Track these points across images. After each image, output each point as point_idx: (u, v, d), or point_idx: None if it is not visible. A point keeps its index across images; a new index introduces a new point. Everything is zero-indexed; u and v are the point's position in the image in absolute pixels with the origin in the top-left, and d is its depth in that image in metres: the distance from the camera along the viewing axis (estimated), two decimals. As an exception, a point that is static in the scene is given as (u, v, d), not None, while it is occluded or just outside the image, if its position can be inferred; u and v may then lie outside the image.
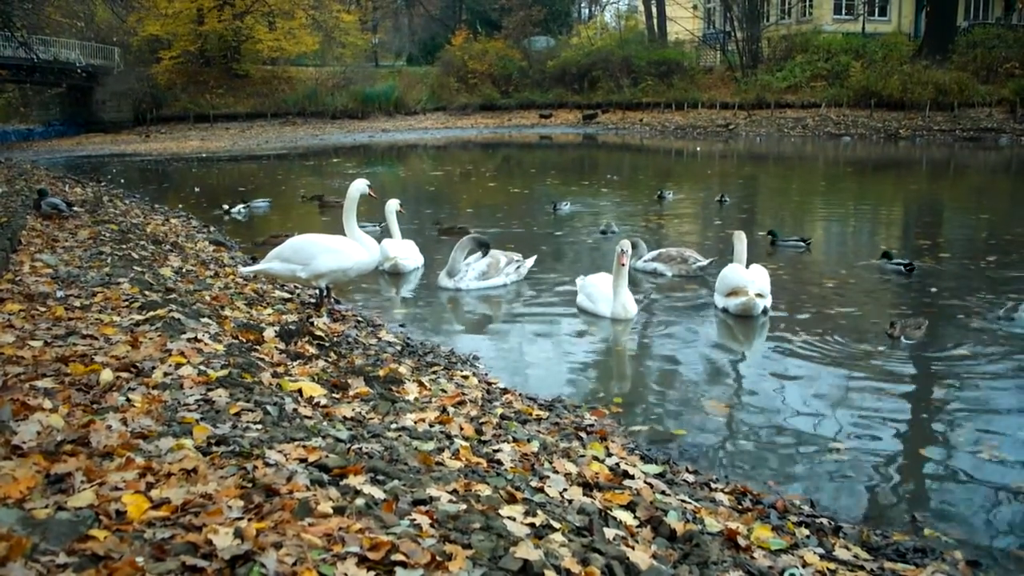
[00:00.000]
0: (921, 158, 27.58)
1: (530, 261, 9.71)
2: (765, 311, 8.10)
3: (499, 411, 5.02)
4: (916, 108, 35.84)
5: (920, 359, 6.71)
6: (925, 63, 36.59)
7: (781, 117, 38.69)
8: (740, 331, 7.78)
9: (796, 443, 5.17)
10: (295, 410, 3.96)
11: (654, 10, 50.06)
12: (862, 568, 3.48)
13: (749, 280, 8.06)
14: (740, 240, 8.47)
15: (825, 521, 4.05)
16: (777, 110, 39.45)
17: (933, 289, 8.97)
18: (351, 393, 4.70)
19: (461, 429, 4.33)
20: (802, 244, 11.39)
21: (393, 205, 10.27)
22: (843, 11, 45.04)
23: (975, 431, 5.29)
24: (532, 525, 2.89)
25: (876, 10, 45.39)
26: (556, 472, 3.82)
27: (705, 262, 9.77)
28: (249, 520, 2.48)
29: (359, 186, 7.44)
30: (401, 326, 7.84)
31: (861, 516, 4.27)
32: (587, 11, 69.05)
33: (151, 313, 5.25)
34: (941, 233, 13.48)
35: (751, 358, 6.89)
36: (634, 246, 9.98)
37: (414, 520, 2.67)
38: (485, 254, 9.25)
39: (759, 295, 7.99)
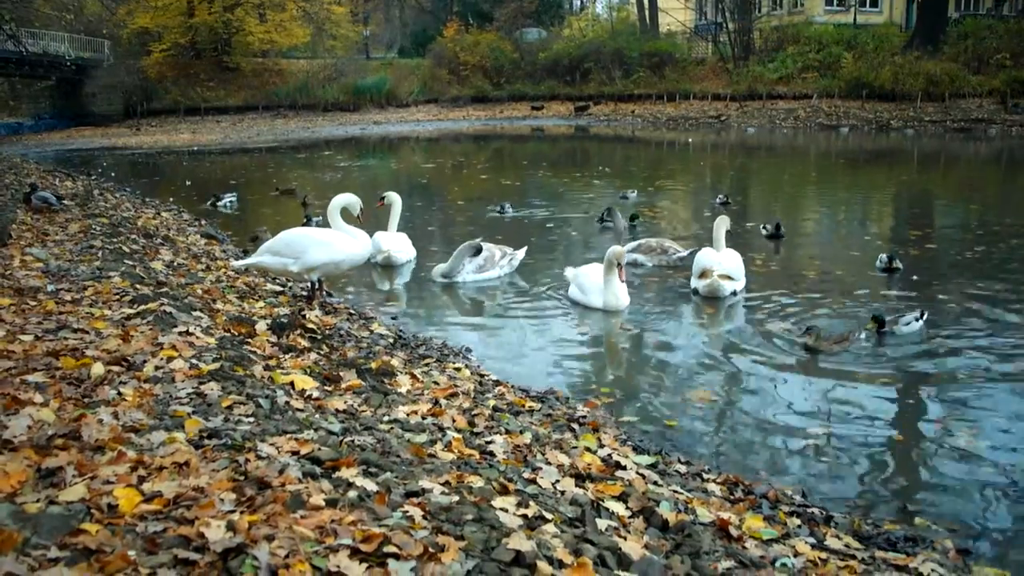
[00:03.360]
0: (912, 149, 27.63)
1: (521, 253, 9.72)
2: (735, 293, 8.39)
3: (492, 403, 5.02)
4: (907, 99, 35.85)
5: (909, 349, 6.73)
6: (916, 54, 36.59)
7: (773, 108, 38.67)
8: (731, 321, 7.81)
9: (787, 433, 5.19)
10: (287, 403, 3.96)
11: (645, 1, 49.95)
12: (853, 557, 3.49)
13: (716, 262, 8.36)
14: (721, 225, 8.72)
15: (816, 511, 4.07)
16: (769, 101, 39.42)
17: (915, 278, 9.00)
18: (343, 386, 4.70)
19: (453, 421, 4.33)
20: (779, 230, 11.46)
21: (396, 197, 10.29)
22: (834, 2, 45.03)
23: (965, 421, 5.32)
24: (525, 516, 2.89)
25: (867, 1, 45.40)
26: (548, 463, 3.82)
27: (685, 252, 9.90)
28: (241, 513, 2.48)
29: (351, 200, 7.45)
30: (393, 318, 7.84)
31: (852, 506, 4.29)
32: (579, 2, 68.93)
33: (142, 307, 5.24)
34: (931, 224, 13.51)
35: (742, 348, 6.90)
36: (612, 211, 10.07)
37: (407, 512, 2.67)
38: (478, 255, 9.26)
39: (727, 277, 8.30)
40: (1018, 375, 6.12)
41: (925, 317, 7.17)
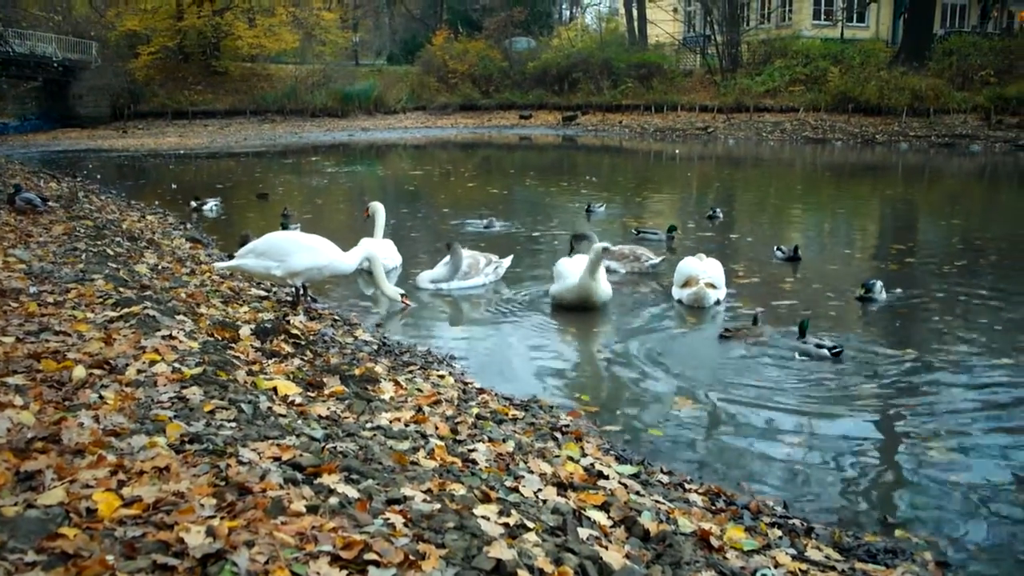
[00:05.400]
0: (897, 163, 27.82)
1: (507, 261, 9.73)
2: (718, 302, 8.47)
3: (475, 411, 5.02)
4: (893, 114, 36.08)
5: (888, 360, 6.77)
6: (902, 69, 36.86)
7: (760, 121, 38.83)
8: (712, 331, 7.83)
9: (769, 444, 5.21)
10: (270, 408, 3.94)
11: (635, 13, 50.21)
12: (833, 569, 3.51)
13: (701, 271, 8.47)
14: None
15: (797, 522, 4.09)
16: (756, 114, 39.59)
17: (899, 290, 9.04)
18: (326, 392, 4.69)
19: (436, 428, 4.32)
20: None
21: (379, 206, 10.29)
22: (822, 17, 45.33)
23: (945, 434, 5.35)
24: (506, 525, 2.89)
25: (855, 16, 45.74)
26: (531, 472, 3.82)
27: (657, 260, 10.06)
28: (221, 519, 2.47)
29: (394, 297, 7.91)
30: (378, 325, 7.83)
31: (833, 517, 4.31)
32: (568, 13, 69.20)
33: (125, 310, 5.22)
34: (913, 238, 13.60)
35: (724, 359, 6.92)
36: (585, 238, 10.22)
37: (388, 519, 2.67)
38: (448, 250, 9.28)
39: (711, 285, 8.39)
40: (996, 390, 6.16)
41: (840, 353, 6.80)
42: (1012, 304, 8.63)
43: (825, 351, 6.78)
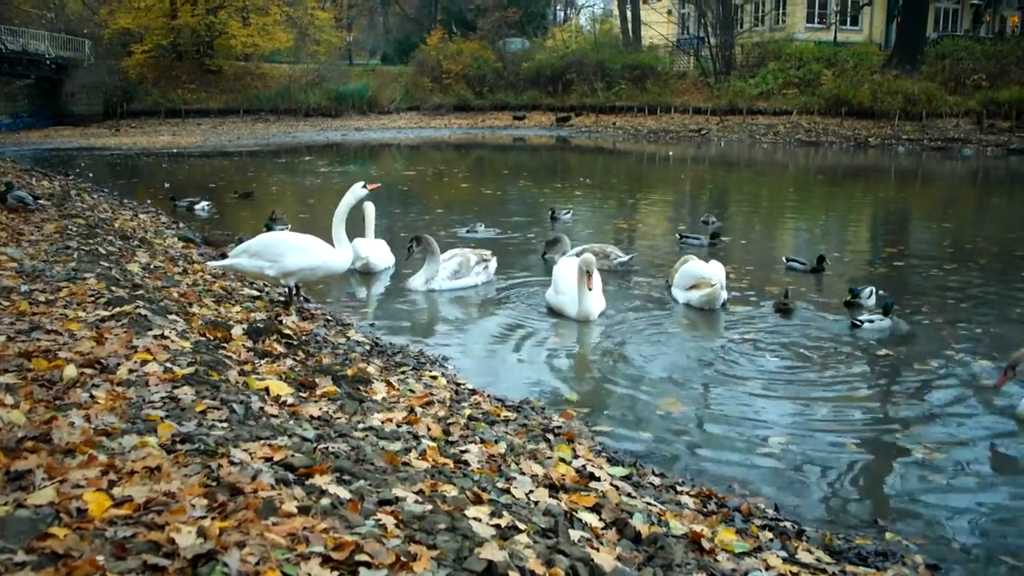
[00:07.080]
0: (890, 167, 27.90)
1: (494, 261, 9.74)
2: (724, 305, 8.46)
3: (467, 412, 5.02)
4: (885, 117, 36.18)
5: (882, 362, 6.80)
6: (895, 73, 37.00)
7: (753, 123, 38.92)
8: (706, 332, 7.85)
9: (761, 446, 5.22)
10: (261, 409, 3.93)
11: (629, 14, 50.31)
12: (824, 572, 3.52)
13: (712, 273, 8.44)
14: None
15: (788, 524, 4.10)
16: (749, 116, 39.68)
17: (883, 292, 9.04)
18: (318, 392, 4.68)
19: (428, 429, 4.32)
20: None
21: (369, 204, 10.28)
22: (815, 20, 45.49)
23: (938, 435, 5.38)
24: (498, 526, 2.89)
25: (848, 19, 45.88)
26: (523, 473, 3.82)
27: (626, 258, 10.20)
28: (212, 519, 2.46)
29: (357, 192, 7.62)
30: (371, 325, 7.82)
31: (824, 520, 4.32)
32: (562, 14, 69.29)
33: (117, 309, 5.20)
34: (905, 241, 13.64)
35: (717, 360, 6.93)
36: (557, 241, 10.34)
37: (379, 520, 2.66)
38: (419, 245, 9.22)
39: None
40: (985, 392, 6.17)
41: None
42: (1000, 306, 8.68)
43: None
